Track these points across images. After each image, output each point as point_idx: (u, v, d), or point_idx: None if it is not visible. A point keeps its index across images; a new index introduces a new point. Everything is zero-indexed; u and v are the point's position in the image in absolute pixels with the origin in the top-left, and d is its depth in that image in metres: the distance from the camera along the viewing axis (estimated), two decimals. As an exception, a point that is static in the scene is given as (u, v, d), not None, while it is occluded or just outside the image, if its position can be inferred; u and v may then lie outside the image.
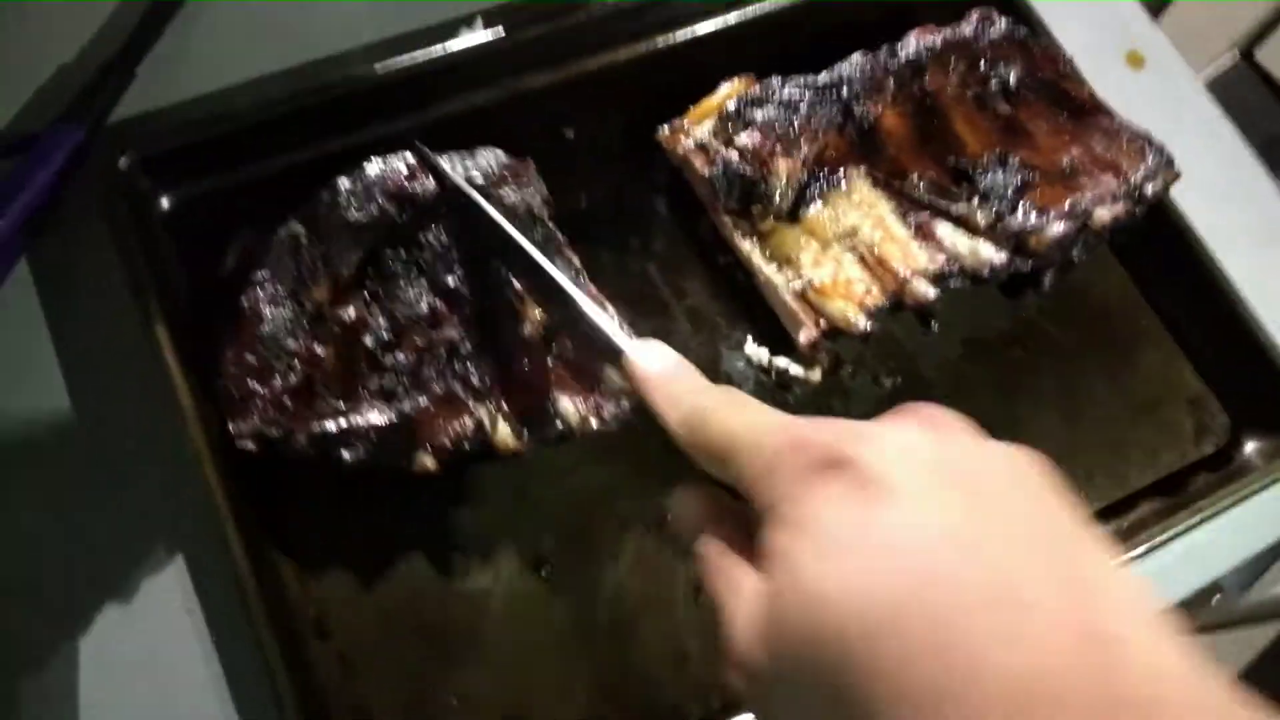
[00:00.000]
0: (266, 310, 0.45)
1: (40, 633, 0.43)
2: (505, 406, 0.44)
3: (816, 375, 0.50)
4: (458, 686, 0.43)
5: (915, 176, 0.50)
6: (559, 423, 0.43)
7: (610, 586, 0.45)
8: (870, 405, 0.51)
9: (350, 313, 0.46)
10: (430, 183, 0.47)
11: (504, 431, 0.44)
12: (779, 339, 0.51)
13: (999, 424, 0.50)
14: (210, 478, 0.42)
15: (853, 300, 0.48)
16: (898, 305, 0.48)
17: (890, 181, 0.50)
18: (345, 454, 0.43)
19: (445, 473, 0.43)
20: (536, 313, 0.45)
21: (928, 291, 0.48)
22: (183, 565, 0.44)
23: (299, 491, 0.45)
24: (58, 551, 0.44)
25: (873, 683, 0.21)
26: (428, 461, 0.43)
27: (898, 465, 0.24)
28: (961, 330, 0.53)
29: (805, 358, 0.50)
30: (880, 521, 0.23)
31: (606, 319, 0.37)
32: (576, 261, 0.47)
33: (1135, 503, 0.50)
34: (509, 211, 0.46)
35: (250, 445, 0.43)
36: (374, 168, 0.47)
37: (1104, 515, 0.49)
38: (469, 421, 0.43)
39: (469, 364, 0.45)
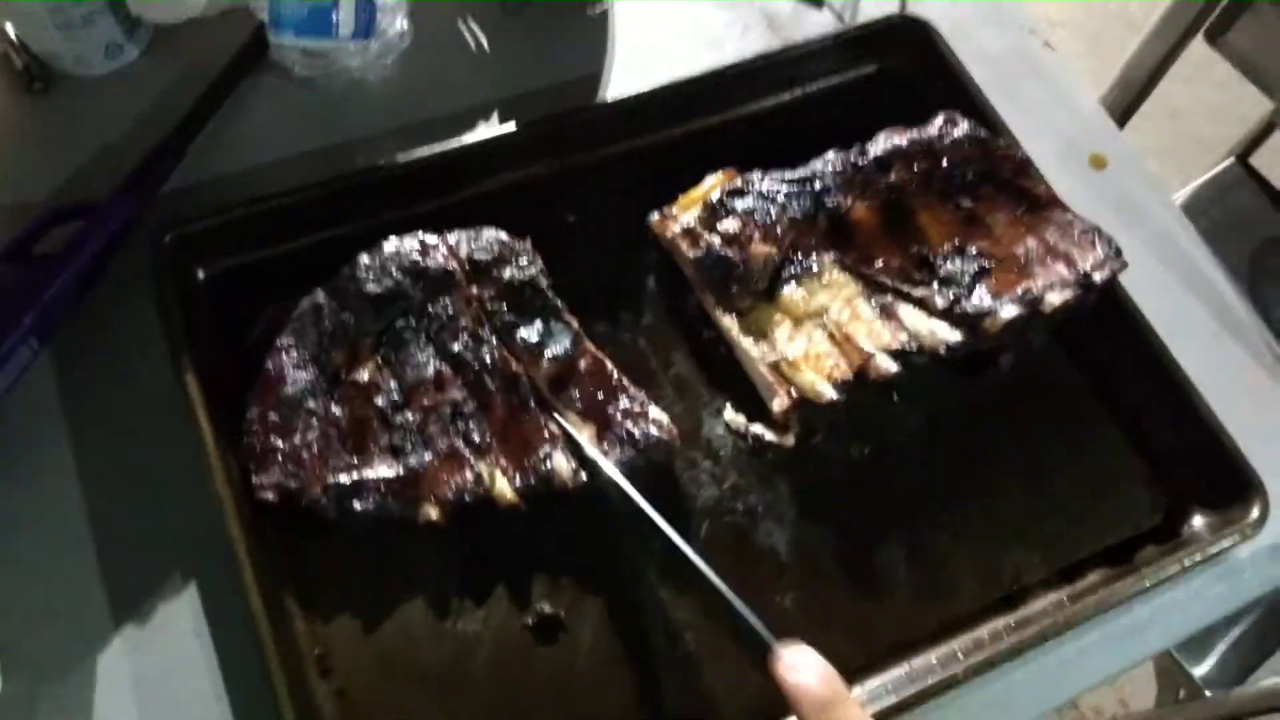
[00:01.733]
0: (289, 373, 0.50)
1: (60, 647, 0.47)
2: (503, 462, 0.49)
3: (790, 441, 0.54)
4: (450, 723, 0.46)
5: (881, 262, 0.55)
6: (553, 477, 0.48)
7: (590, 636, 0.49)
8: (841, 470, 0.54)
9: (364, 375, 0.51)
10: (438, 259, 0.52)
11: (502, 485, 0.48)
12: (756, 407, 0.55)
13: (967, 491, 0.54)
14: (231, 522, 0.46)
15: (821, 373, 0.52)
16: (863, 378, 0.53)
17: (858, 267, 0.55)
18: (357, 504, 0.47)
19: (449, 524, 0.47)
20: (538, 370, 0.50)
21: (889, 366, 0.52)
22: (195, 594, 0.48)
23: (310, 538, 0.49)
24: (82, 575, 0.49)
25: None
26: (432, 512, 0.47)
27: None
28: (930, 404, 0.57)
29: (779, 425, 0.54)
30: None
31: (751, 614, 0.42)
32: (575, 324, 0.52)
33: (1086, 569, 0.53)
34: (506, 285, 0.52)
35: (271, 496, 0.47)
36: (391, 245, 0.53)
37: (1056, 580, 0.53)
38: (469, 475, 0.48)
39: (470, 423, 0.49)
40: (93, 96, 0.63)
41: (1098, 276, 0.55)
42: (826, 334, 0.54)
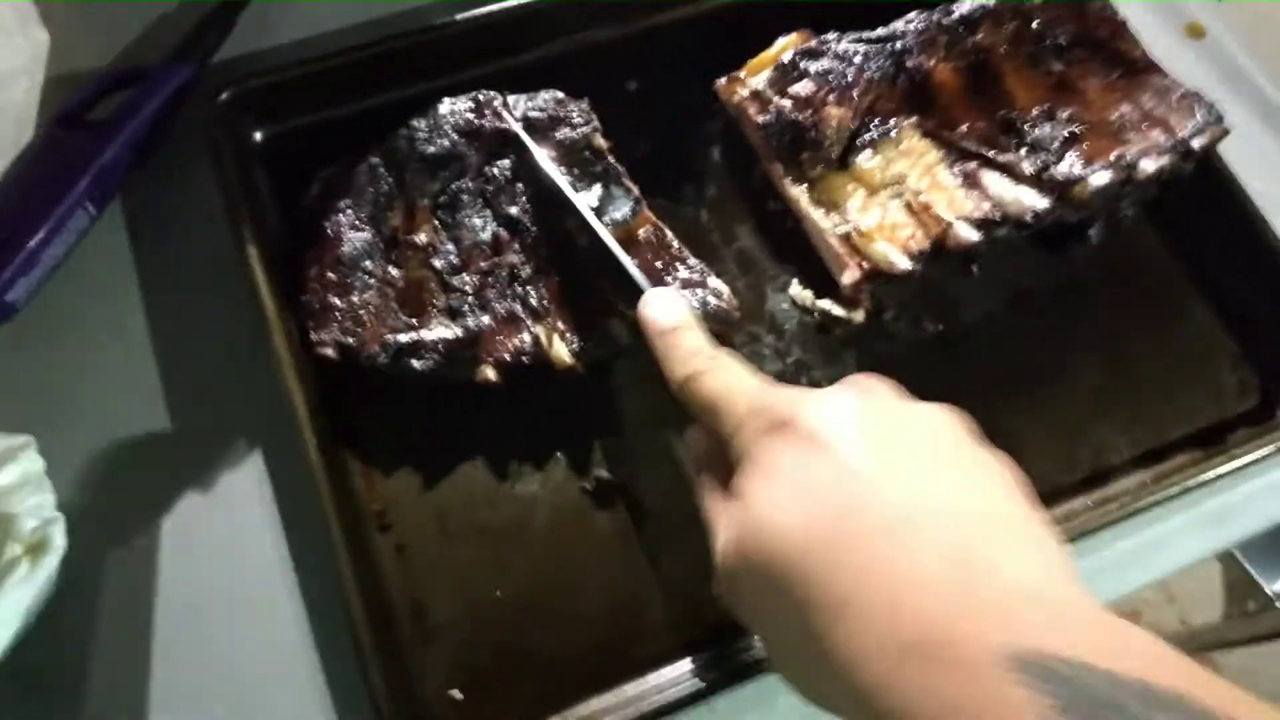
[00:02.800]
0: (346, 233, 0.49)
1: (126, 514, 0.47)
2: (560, 325, 0.47)
3: (859, 317, 0.52)
4: (502, 582, 0.46)
5: (965, 127, 0.52)
6: (611, 340, 0.47)
7: (650, 502, 0.48)
8: (913, 349, 0.52)
9: (422, 238, 0.49)
10: (496, 121, 0.50)
11: (559, 348, 0.47)
12: (823, 283, 0.53)
13: (1046, 371, 0.52)
14: (290, 382, 0.46)
15: (896, 243, 0.50)
16: (940, 250, 0.50)
17: (939, 132, 0.52)
18: (415, 364, 0.47)
19: (506, 385, 0.47)
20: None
21: (970, 235, 0.49)
22: (260, 459, 0.48)
23: (369, 400, 0.48)
24: (146, 442, 0.48)
25: (805, 587, 0.28)
26: (490, 373, 0.46)
27: (829, 424, 0.31)
28: (1010, 280, 0.54)
29: (848, 300, 0.52)
30: (813, 468, 0.30)
31: (629, 260, 0.44)
32: (636, 190, 0.50)
33: (1172, 452, 0.50)
34: (565, 147, 0.50)
35: (330, 352, 0.47)
36: (446, 106, 0.51)
37: (1140, 461, 0.50)
38: (527, 338, 0.47)
39: (528, 287, 0.48)
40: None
41: (1196, 143, 0.51)
42: (903, 204, 0.51)
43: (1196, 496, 0.48)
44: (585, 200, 0.49)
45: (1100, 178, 0.50)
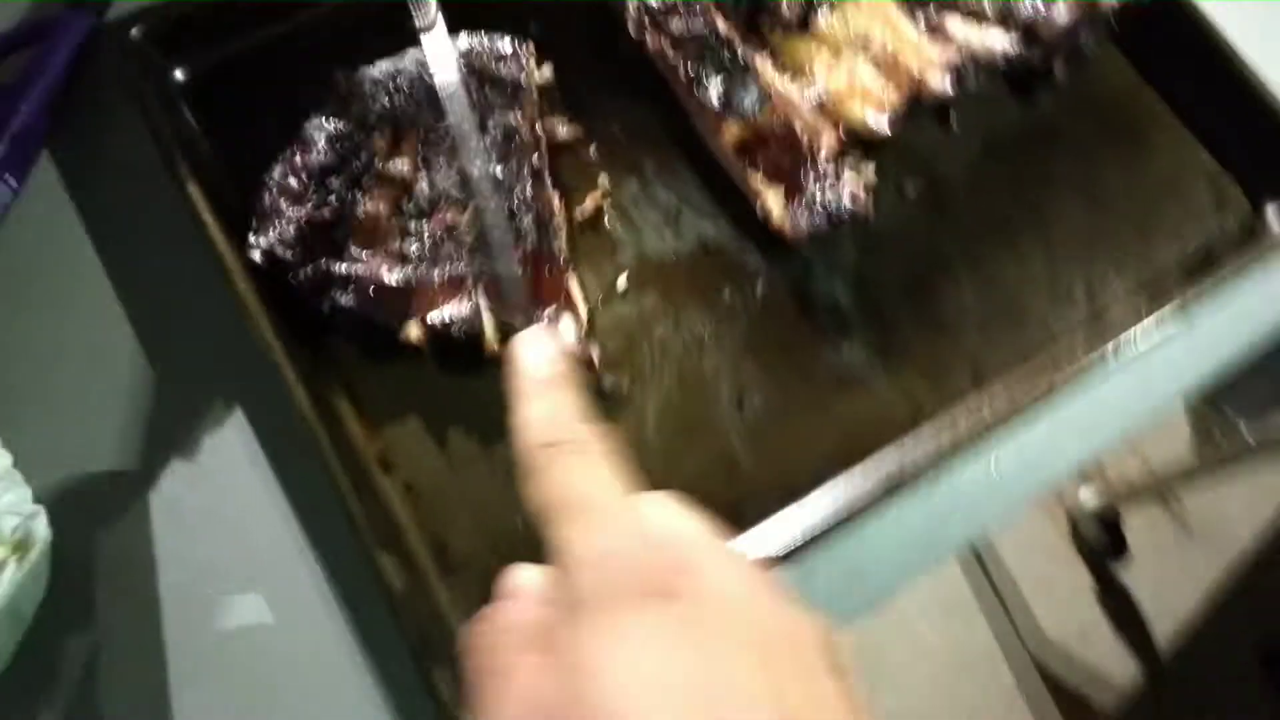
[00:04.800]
0: (320, 142, 0.46)
1: (110, 496, 0.44)
2: (505, 311, 0.44)
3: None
4: (521, 510, 0.44)
5: (920, -26, 0.50)
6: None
7: (657, 407, 0.46)
8: (897, 215, 0.51)
9: (399, 168, 0.46)
10: (517, 71, 0.48)
11: (492, 331, 0.44)
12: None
13: (1023, 217, 0.51)
14: (263, 327, 0.43)
15: (871, 104, 0.48)
16: (916, 104, 0.49)
17: (895, -18, 0.50)
18: (340, 296, 0.44)
19: (430, 351, 0.44)
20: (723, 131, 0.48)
21: (944, 84, 0.48)
22: (243, 419, 0.46)
23: (353, 349, 0.46)
24: (118, 415, 0.45)
25: None
26: (414, 331, 0.44)
27: (719, 617, 0.23)
28: (979, 132, 0.53)
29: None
30: (692, 671, 0.22)
31: (517, 282, 0.42)
32: (763, 81, 0.48)
33: (1165, 278, 0.50)
34: (690, 39, 0.49)
35: (257, 258, 0.44)
36: (471, 39, 0.49)
37: (1135, 291, 0.50)
38: (465, 309, 0.44)
39: (488, 255, 0.45)
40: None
41: (1155, -35, 0.50)
42: (871, 61, 0.49)
43: (1194, 314, 0.48)
44: (711, 94, 0.48)
45: (1064, 13, 0.49)
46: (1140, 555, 1.38)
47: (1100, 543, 1.37)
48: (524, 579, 0.27)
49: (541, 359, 0.30)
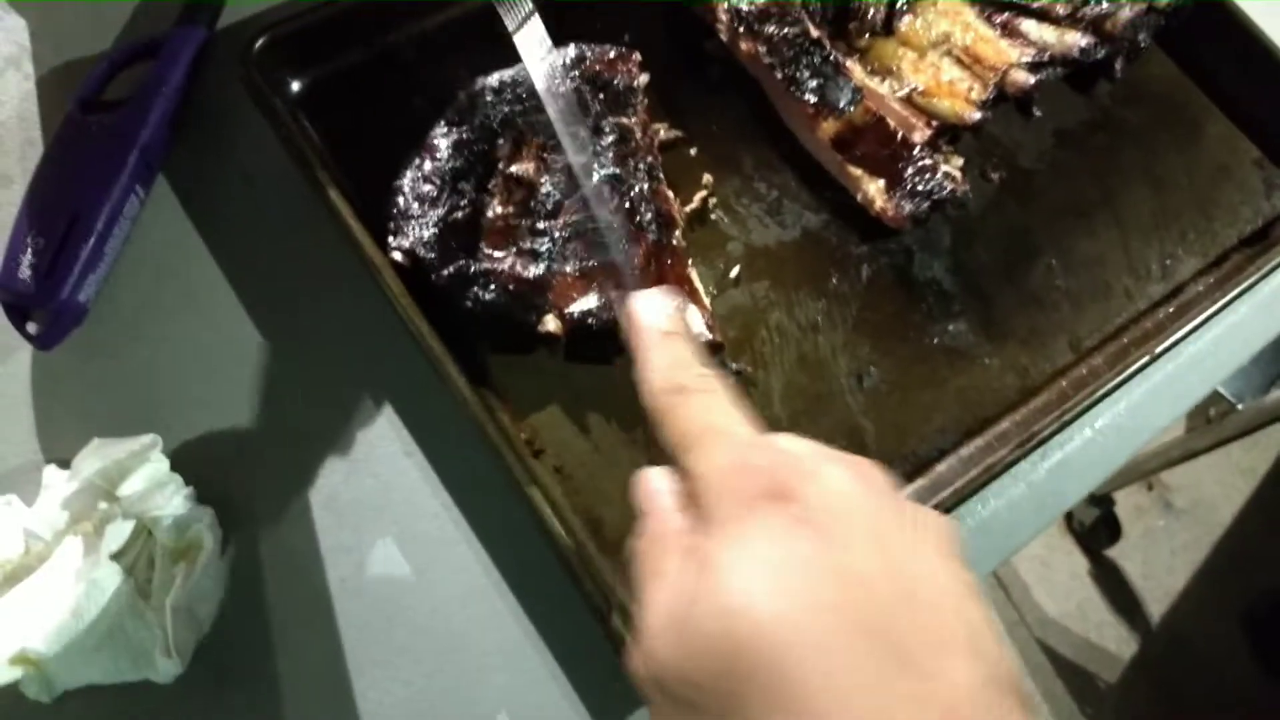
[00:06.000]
0: (448, 148, 0.48)
1: (269, 496, 0.45)
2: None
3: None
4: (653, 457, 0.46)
5: (995, -23, 0.54)
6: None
7: (781, 386, 0.49)
8: (984, 200, 0.54)
9: (523, 170, 0.48)
10: (626, 78, 0.50)
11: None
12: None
13: (1097, 200, 0.55)
14: (418, 323, 0.44)
15: (959, 97, 0.52)
16: (999, 98, 0.52)
17: (972, -13, 0.54)
18: (482, 293, 0.46)
19: (566, 343, 0.46)
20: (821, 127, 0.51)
21: (1028, 78, 0.52)
22: (392, 412, 0.47)
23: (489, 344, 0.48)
24: (266, 415, 0.46)
25: (771, 691, 0.23)
26: (552, 323, 0.46)
27: (833, 512, 0.26)
28: (1050, 124, 0.57)
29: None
30: (810, 557, 0.25)
31: (625, 249, 0.42)
32: (855, 77, 0.51)
33: (1230, 256, 0.55)
34: (783, 41, 0.52)
35: (400, 258, 0.46)
36: (581, 49, 0.51)
37: (1205, 268, 0.54)
38: (598, 300, 0.46)
39: (615, 248, 0.47)
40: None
41: (1204, -35, 0.55)
42: (954, 60, 0.53)
43: (1257, 286, 0.53)
44: (806, 93, 0.51)
45: (1127, 10, 0.53)
46: (1131, 535, 1.45)
47: (1095, 527, 1.43)
48: (655, 487, 0.30)
49: (659, 314, 0.33)
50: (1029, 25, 0.53)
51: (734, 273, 0.51)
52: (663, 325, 0.32)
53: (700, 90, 0.56)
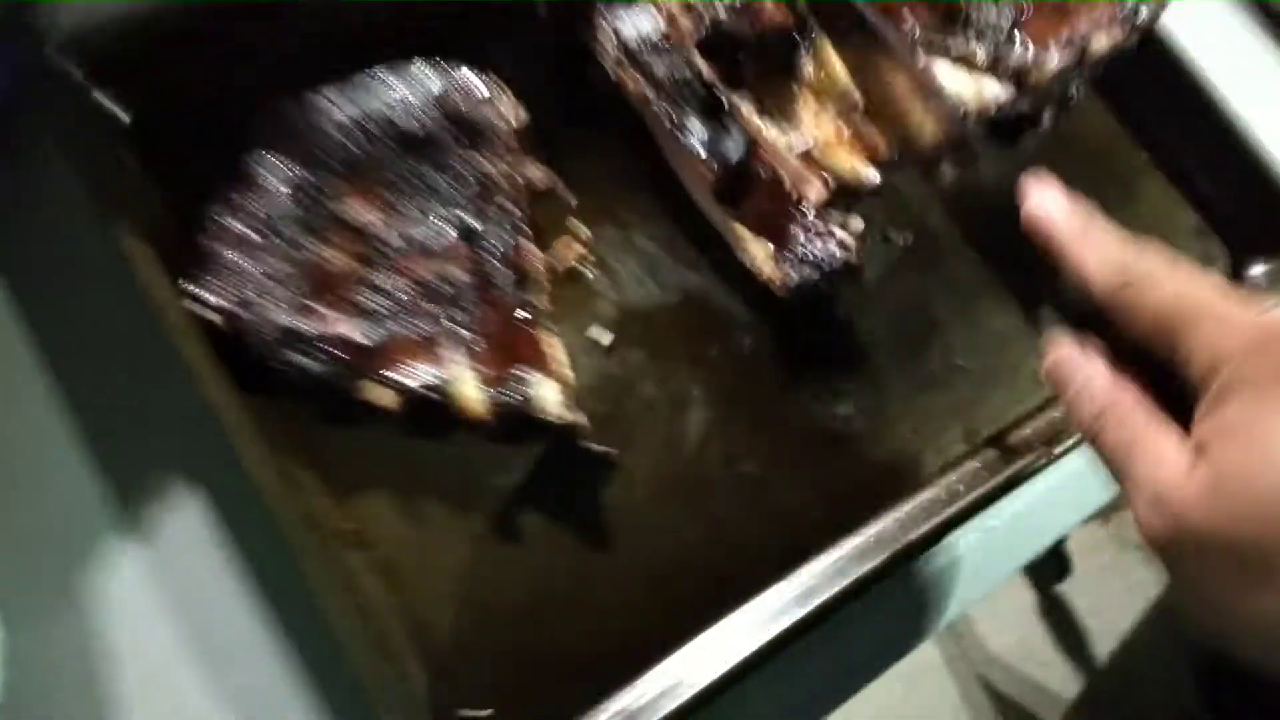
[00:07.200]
0: (274, 183, 0.43)
1: (62, 589, 0.40)
2: (482, 366, 0.42)
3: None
4: (506, 584, 0.41)
5: (908, 20, 0.49)
6: (529, 403, 0.41)
7: (646, 468, 0.44)
8: (886, 267, 0.50)
9: (362, 215, 0.43)
10: (489, 112, 0.45)
11: (471, 391, 0.41)
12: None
13: (1013, 269, 0.50)
14: (215, 393, 0.39)
15: (859, 152, 0.46)
16: (904, 154, 0.47)
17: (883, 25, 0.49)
18: (303, 360, 0.41)
19: (403, 418, 0.41)
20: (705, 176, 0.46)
21: (934, 134, 0.46)
22: (207, 497, 0.42)
23: (319, 416, 0.43)
24: (61, 499, 0.41)
25: None
26: (382, 395, 0.41)
27: None
28: (967, 182, 0.52)
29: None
30: None
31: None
32: (751, 126, 0.46)
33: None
34: (664, 77, 0.47)
35: (208, 314, 0.40)
36: (447, 78, 0.45)
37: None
38: (438, 371, 0.41)
39: (464, 313, 0.42)
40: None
41: (1144, 13, 0.49)
42: (858, 108, 0.48)
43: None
44: (694, 139, 0.46)
45: (1055, 60, 0.48)
46: (1082, 571, 1.41)
47: (1043, 561, 1.39)
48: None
49: (1061, 208, 0.33)
50: (944, 71, 0.48)
51: (606, 339, 0.46)
52: (1073, 220, 0.33)
53: (582, 126, 0.50)
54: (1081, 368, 0.31)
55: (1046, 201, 0.34)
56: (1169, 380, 0.29)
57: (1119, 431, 0.29)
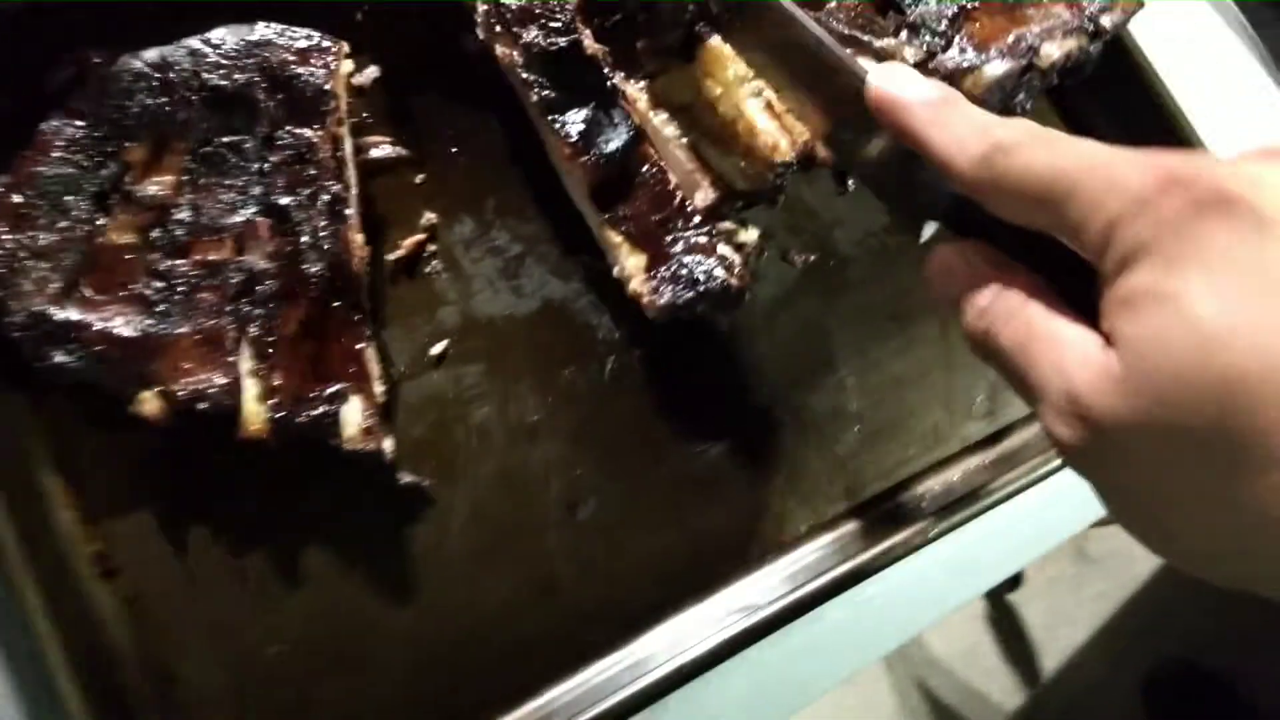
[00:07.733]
0: (59, 148, 0.36)
1: None
2: (276, 377, 0.35)
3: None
4: (276, 632, 0.35)
5: (834, 4, 0.42)
6: (328, 427, 0.35)
7: (468, 508, 0.38)
8: (779, 290, 0.43)
9: (156, 188, 0.37)
10: (319, 77, 0.38)
11: (254, 406, 0.35)
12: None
13: (922, 302, 0.44)
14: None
15: (756, 156, 0.40)
16: (809, 162, 0.40)
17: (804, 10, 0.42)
18: (61, 356, 0.34)
19: (168, 428, 0.35)
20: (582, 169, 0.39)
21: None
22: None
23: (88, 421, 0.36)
24: None
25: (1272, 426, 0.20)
26: (151, 404, 0.34)
27: None
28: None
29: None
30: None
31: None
32: (637, 116, 0.40)
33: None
34: (539, 51, 0.40)
35: None
36: (266, 30, 0.38)
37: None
38: (220, 378, 0.35)
39: (260, 309, 0.36)
40: None
41: (1107, 20, 0.42)
42: (763, 103, 0.41)
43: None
44: (567, 125, 0.39)
45: (996, 67, 0.41)
46: (1035, 581, 1.36)
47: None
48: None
49: (914, 85, 0.29)
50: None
51: (438, 348, 0.40)
52: (928, 94, 0.28)
53: (447, 99, 0.43)
54: (961, 268, 0.27)
55: (896, 78, 0.29)
56: (1073, 275, 0.25)
57: (1010, 330, 0.25)
